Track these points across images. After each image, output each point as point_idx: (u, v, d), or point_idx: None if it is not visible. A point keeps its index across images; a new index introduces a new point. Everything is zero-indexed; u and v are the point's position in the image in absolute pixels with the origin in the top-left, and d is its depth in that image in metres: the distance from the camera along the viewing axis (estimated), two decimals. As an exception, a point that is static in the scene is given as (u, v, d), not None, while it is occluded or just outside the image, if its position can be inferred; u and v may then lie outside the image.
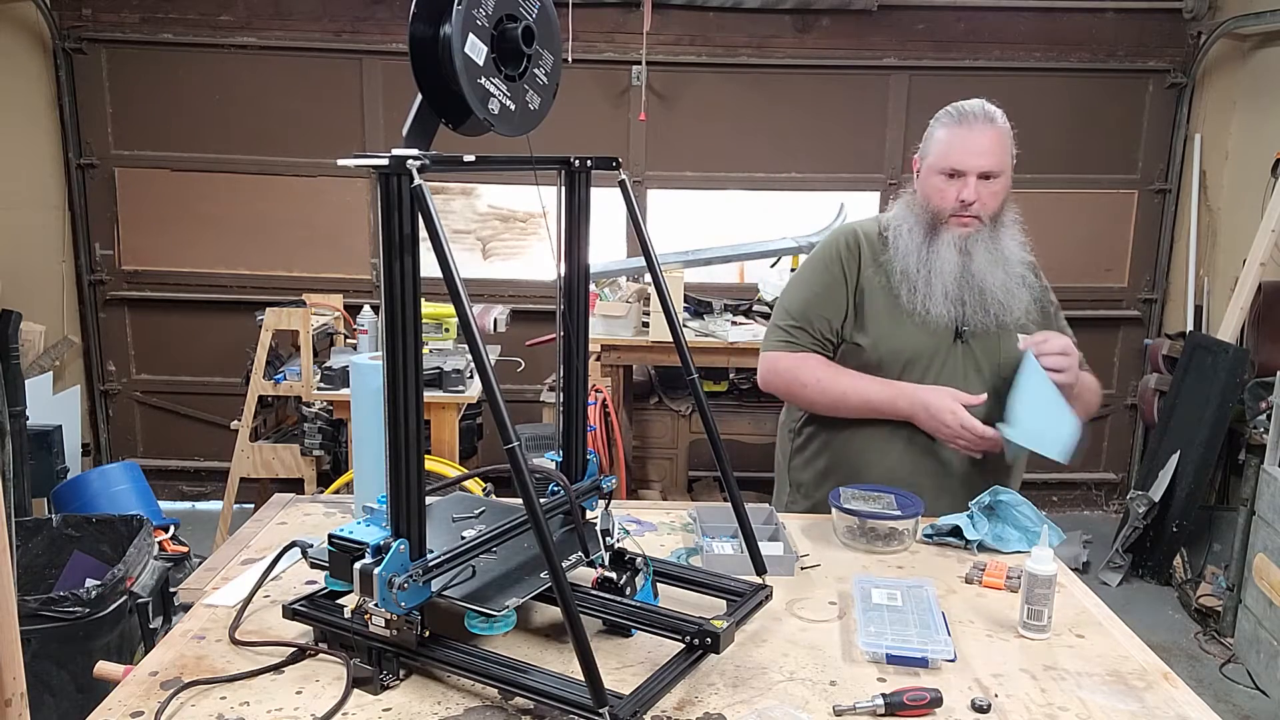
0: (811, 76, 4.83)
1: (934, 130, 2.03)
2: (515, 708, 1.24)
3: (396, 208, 1.18)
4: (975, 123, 1.96)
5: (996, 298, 1.98)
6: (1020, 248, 2.03)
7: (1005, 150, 1.98)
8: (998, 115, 1.99)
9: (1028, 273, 2.04)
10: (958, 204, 1.97)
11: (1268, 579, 3.40)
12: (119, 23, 4.68)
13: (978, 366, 2.02)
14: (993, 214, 1.99)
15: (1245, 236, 4.29)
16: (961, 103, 2.01)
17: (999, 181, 1.98)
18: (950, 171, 1.97)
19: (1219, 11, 4.74)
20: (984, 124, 1.96)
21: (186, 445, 5.12)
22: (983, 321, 1.99)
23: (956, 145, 1.96)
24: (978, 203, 1.96)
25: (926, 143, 2.05)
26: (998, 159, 1.96)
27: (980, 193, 1.96)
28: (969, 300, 1.98)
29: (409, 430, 1.23)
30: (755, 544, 1.53)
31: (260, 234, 4.91)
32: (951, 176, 1.97)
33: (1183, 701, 1.31)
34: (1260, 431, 3.60)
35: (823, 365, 2.07)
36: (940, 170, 1.99)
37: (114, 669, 1.39)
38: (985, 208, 1.97)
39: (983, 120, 1.96)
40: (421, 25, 1.19)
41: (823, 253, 2.13)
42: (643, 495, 4.39)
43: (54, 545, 2.92)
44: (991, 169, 1.96)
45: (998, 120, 1.98)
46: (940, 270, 1.98)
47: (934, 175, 2.00)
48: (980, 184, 1.96)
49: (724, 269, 4.77)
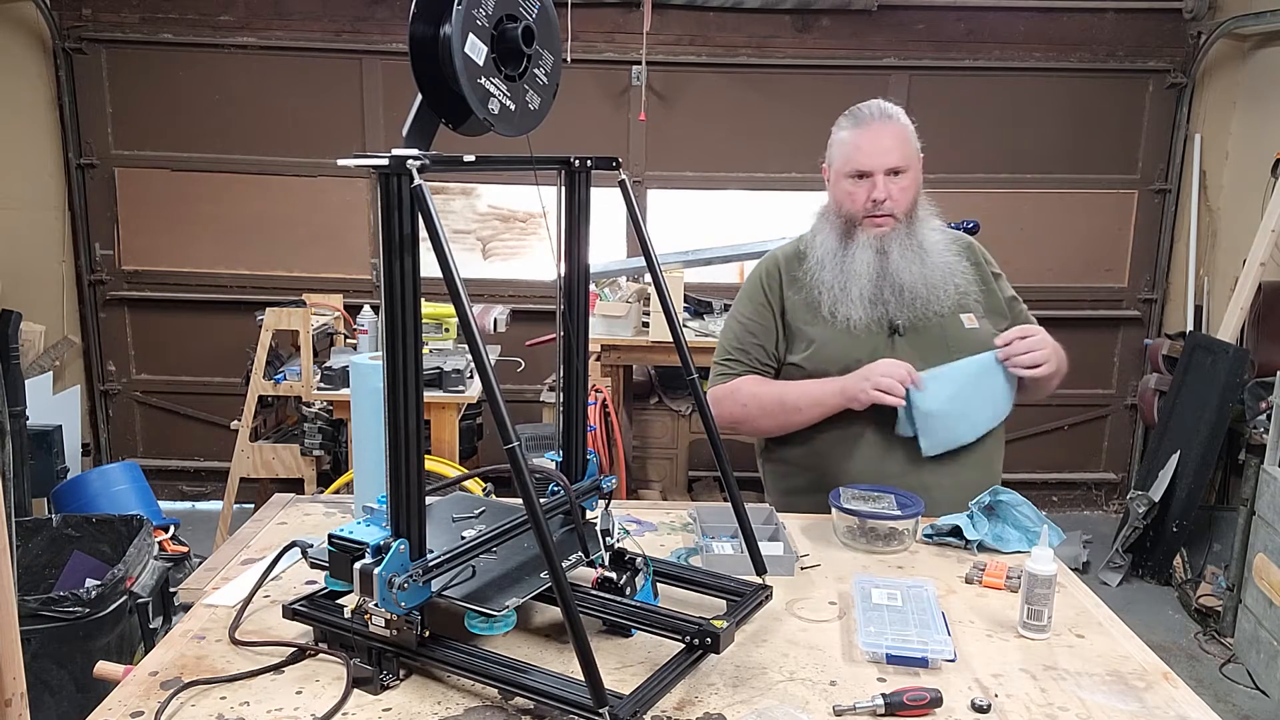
0: (811, 76, 4.84)
1: (835, 135, 2.05)
2: (515, 708, 1.24)
3: (396, 208, 1.18)
4: (873, 122, 1.98)
5: (917, 291, 1.98)
6: (942, 236, 2.04)
7: (909, 144, 2.00)
8: (895, 112, 2.01)
9: (956, 258, 2.04)
10: (869, 204, 1.98)
11: (1268, 579, 3.41)
12: (119, 23, 4.68)
13: (924, 358, 1.98)
14: (906, 209, 2.00)
15: (1245, 236, 4.29)
16: (859, 105, 2.03)
17: (907, 176, 1.99)
18: (857, 173, 1.99)
19: (1219, 11, 4.74)
20: (882, 122, 1.98)
21: (186, 445, 5.12)
22: (910, 315, 1.99)
23: (860, 146, 1.98)
24: (889, 200, 1.97)
25: (830, 150, 2.06)
26: (901, 154, 1.97)
27: (890, 189, 1.97)
28: (890, 298, 1.99)
29: (409, 430, 1.23)
30: (755, 544, 1.53)
31: (260, 234, 4.91)
32: (859, 178, 1.99)
33: (1183, 701, 1.31)
34: (1260, 431, 3.60)
35: (753, 382, 2.09)
36: (847, 174, 2.00)
37: (114, 669, 1.39)
38: (897, 204, 1.99)
39: (880, 119, 1.98)
40: (421, 25, 1.19)
41: (747, 286, 2.19)
42: (643, 495, 4.39)
43: (54, 545, 2.92)
44: (897, 164, 1.97)
45: (896, 117, 2.00)
46: (856, 273, 1.99)
47: (842, 180, 2.02)
48: (889, 181, 1.97)
49: (724, 269, 4.77)
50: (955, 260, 2.04)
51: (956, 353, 1.98)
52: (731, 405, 2.08)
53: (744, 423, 2.10)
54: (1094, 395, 5.18)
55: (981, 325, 2.03)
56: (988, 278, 2.10)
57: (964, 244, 2.12)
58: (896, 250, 1.99)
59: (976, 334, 2.01)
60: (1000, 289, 2.12)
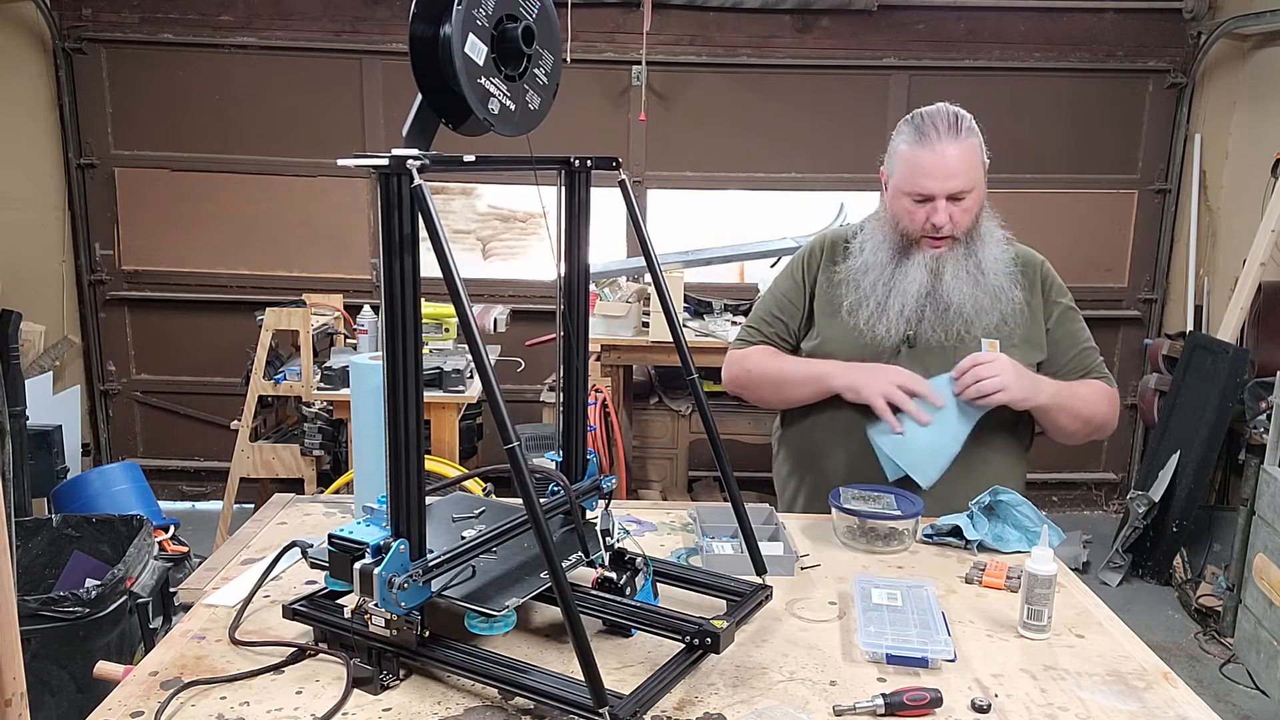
0: (811, 76, 4.83)
1: (897, 145, 1.91)
2: (515, 708, 1.24)
3: (396, 208, 1.18)
4: (938, 140, 1.83)
5: (962, 312, 1.91)
6: (1002, 254, 1.95)
7: (974, 164, 1.87)
8: (963, 124, 1.86)
9: (1007, 284, 1.94)
10: (928, 227, 1.88)
11: (1268, 579, 3.40)
12: (119, 23, 4.68)
13: (926, 373, 1.93)
14: (967, 230, 1.91)
15: (1245, 236, 4.29)
16: (924, 112, 1.88)
17: (971, 197, 1.88)
18: (918, 195, 1.87)
19: (1219, 11, 4.74)
20: (949, 140, 1.83)
21: (186, 445, 5.12)
22: (937, 334, 1.94)
23: (922, 168, 1.85)
24: (950, 224, 1.87)
25: (890, 159, 1.94)
26: (966, 177, 1.85)
27: (951, 213, 1.87)
28: (929, 316, 1.93)
29: (409, 430, 1.23)
30: (755, 544, 1.53)
31: (260, 234, 4.91)
32: (920, 200, 1.88)
33: (1183, 701, 1.31)
34: (1260, 431, 3.60)
35: (764, 352, 2.09)
36: (907, 192, 1.89)
37: (114, 669, 1.39)
38: (958, 227, 1.89)
39: (947, 136, 1.84)
40: (421, 25, 1.19)
41: (792, 260, 2.17)
42: (643, 495, 4.39)
43: (54, 545, 2.92)
44: (960, 189, 1.85)
45: (963, 132, 1.85)
46: (904, 290, 1.92)
47: (901, 197, 1.90)
48: (950, 205, 1.86)
49: (724, 269, 4.77)
50: (1007, 283, 1.94)
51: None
52: (738, 370, 2.11)
53: (746, 389, 2.11)
54: (1094, 395, 5.18)
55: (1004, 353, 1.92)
56: (1037, 305, 2.00)
57: (1024, 264, 2.01)
58: (950, 271, 1.91)
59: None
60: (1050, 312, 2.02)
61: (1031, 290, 2.01)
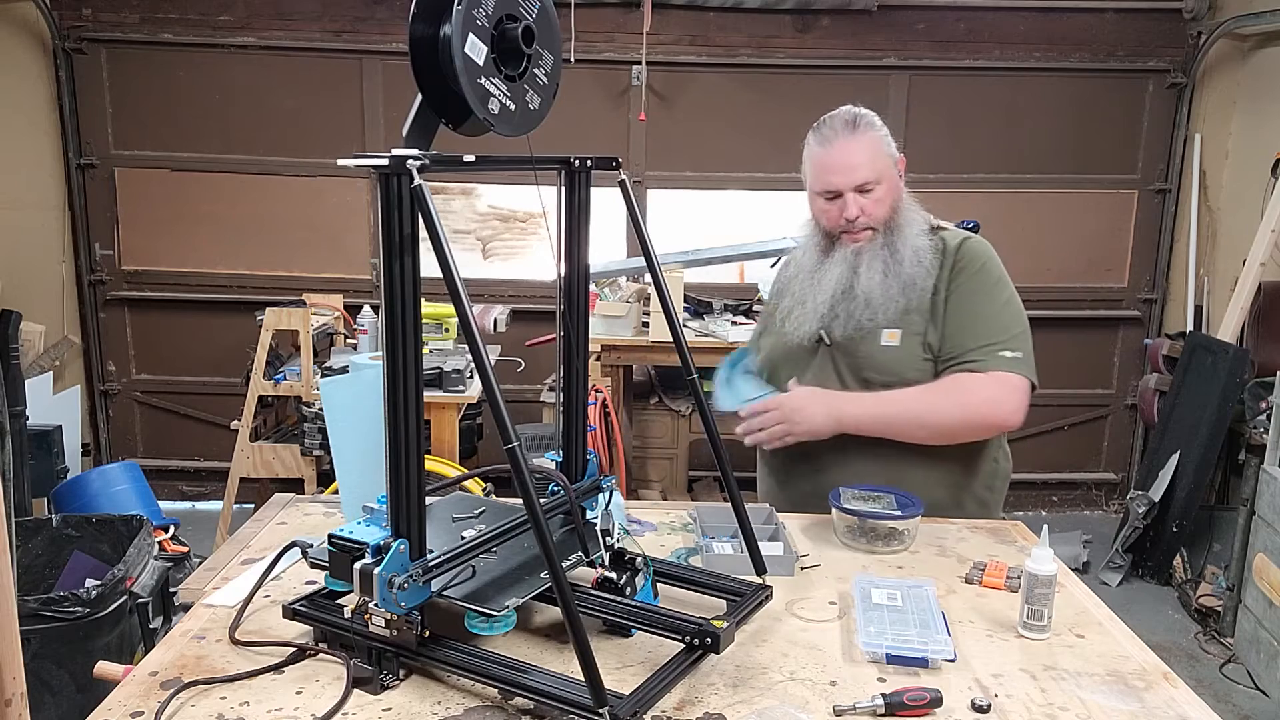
0: (811, 76, 4.83)
1: (806, 153, 1.99)
2: (515, 708, 1.24)
3: (396, 208, 1.18)
4: (836, 139, 1.92)
5: (870, 302, 1.93)
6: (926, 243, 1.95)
7: (877, 155, 1.93)
8: (861, 121, 1.93)
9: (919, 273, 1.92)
10: (843, 221, 1.95)
11: (1268, 579, 3.40)
12: (119, 23, 4.68)
13: (838, 370, 2.00)
14: (884, 220, 1.95)
15: (1245, 236, 4.29)
16: (826, 117, 1.97)
17: (881, 188, 1.93)
18: (828, 192, 1.95)
19: (1219, 11, 4.74)
20: (845, 137, 1.92)
21: (186, 445, 5.12)
22: (847, 330, 1.97)
23: (827, 165, 1.94)
24: (862, 215, 1.93)
25: (804, 166, 2.01)
26: (870, 169, 1.92)
27: (862, 205, 1.93)
28: (840, 311, 1.96)
29: (409, 430, 1.23)
30: (755, 544, 1.53)
31: (260, 234, 4.91)
32: (831, 197, 1.95)
33: (1183, 701, 1.31)
34: (1260, 431, 3.60)
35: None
36: (818, 192, 1.97)
37: (114, 669, 1.39)
38: (872, 218, 1.94)
39: (844, 133, 1.92)
40: (421, 25, 1.19)
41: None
42: (643, 495, 4.39)
43: (54, 545, 2.92)
44: (866, 180, 1.92)
45: (860, 127, 1.93)
46: (824, 287, 1.98)
47: (816, 198, 1.99)
48: (859, 197, 1.93)
49: (724, 269, 4.77)
50: (920, 272, 1.93)
51: (868, 369, 1.95)
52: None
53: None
54: (1094, 395, 5.18)
55: (903, 344, 1.94)
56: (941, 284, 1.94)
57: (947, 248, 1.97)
58: (866, 262, 1.95)
59: (893, 352, 1.95)
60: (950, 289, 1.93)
61: (940, 270, 1.96)
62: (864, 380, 1.97)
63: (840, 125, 1.94)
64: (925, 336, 1.94)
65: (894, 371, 1.94)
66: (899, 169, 1.99)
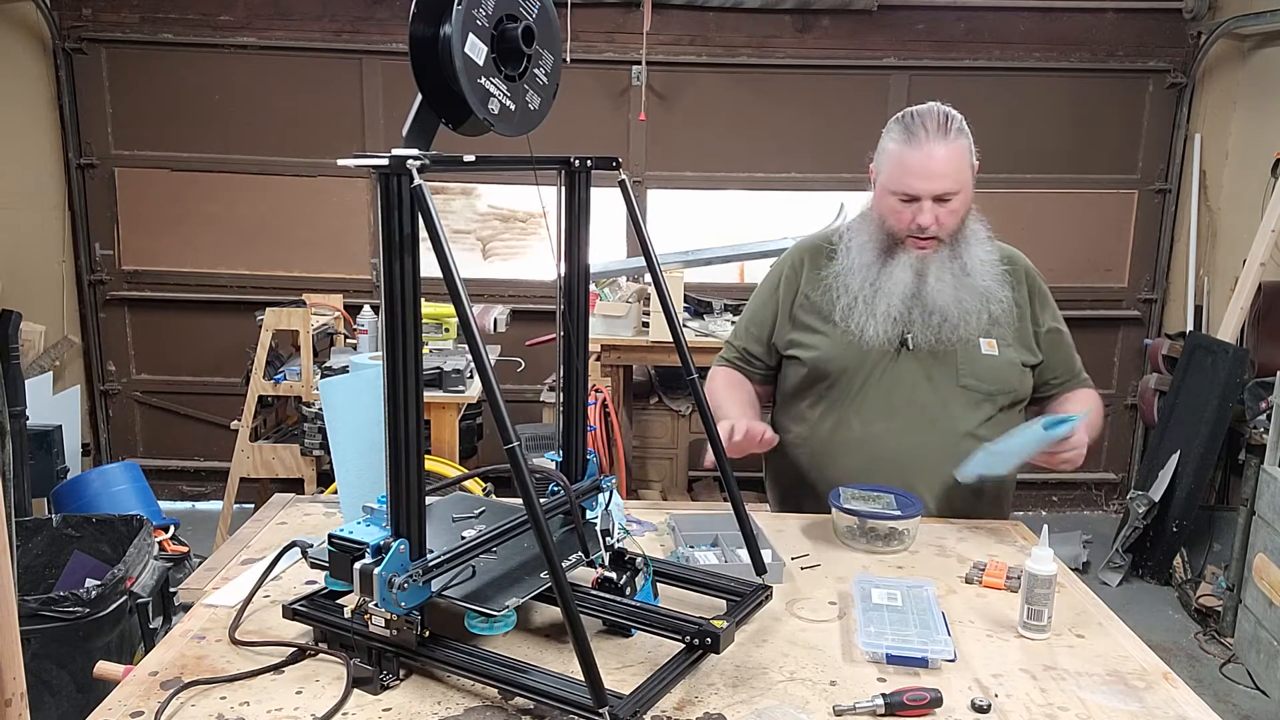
0: (811, 76, 4.83)
1: (886, 143, 1.90)
2: (515, 708, 1.24)
3: (396, 208, 1.18)
4: (927, 141, 1.82)
5: (948, 314, 1.91)
6: (988, 256, 1.93)
7: (962, 166, 1.86)
8: (953, 125, 1.85)
9: (995, 282, 1.93)
10: (914, 227, 1.88)
11: (1268, 579, 3.40)
12: (119, 23, 4.67)
13: (929, 376, 1.96)
14: (952, 231, 1.90)
15: (1245, 236, 4.29)
16: (914, 111, 1.87)
17: (958, 199, 1.87)
18: (904, 195, 1.87)
19: (1219, 11, 4.74)
20: (937, 141, 1.82)
21: (186, 445, 5.12)
22: (927, 338, 1.94)
23: (909, 168, 1.84)
24: (935, 225, 1.87)
25: (879, 156, 1.92)
26: (953, 180, 1.84)
27: (937, 214, 1.86)
28: (916, 318, 1.93)
29: (409, 430, 1.23)
30: (755, 544, 1.53)
31: (260, 234, 4.91)
32: (906, 200, 1.87)
33: (1183, 701, 1.31)
34: (1260, 431, 3.60)
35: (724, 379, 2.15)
36: (893, 191, 1.88)
37: (114, 669, 1.39)
38: (943, 229, 1.89)
39: (935, 136, 1.82)
40: (421, 25, 1.19)
41: (770, 272, 2.18)
42: (643, 495, 4.39)
43: (54, 545, 2.92)
44: (946, 191, 1.84)
45: (951, 133, 1.84)
46: (889, 291, 1.92)
47: (887, 195, 1.90)
48: (936, 206, 1.86)
49: (724, 269, 4.77)
50: (994, 284, 1.93)
51: (968, 376, 1.95)
52: (707, 389, 2.14)
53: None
54: (1094, 395, 5.18)
55: (1002, 353, 1.96)
56: (1024, 304, 2.01)
57: (1010, 263, 2.00)
58: (934, 272, 1.90)
59: (994, 361, 1.96)
60: (1039, 317, 2.03)
61: (1018, 288, 2.00)
62: (962, 388, 1.95)
63: (933, 126, 1.83)
64: (1018, 348, 1.98)
65: (999, 380, 1.96)
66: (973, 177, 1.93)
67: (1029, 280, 2.03)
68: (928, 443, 1.96)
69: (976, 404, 1.96)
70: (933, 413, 1.96)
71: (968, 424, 1.95)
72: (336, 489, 1.83)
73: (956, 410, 1.96)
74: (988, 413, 1.97)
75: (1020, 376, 1.99)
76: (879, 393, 1.97)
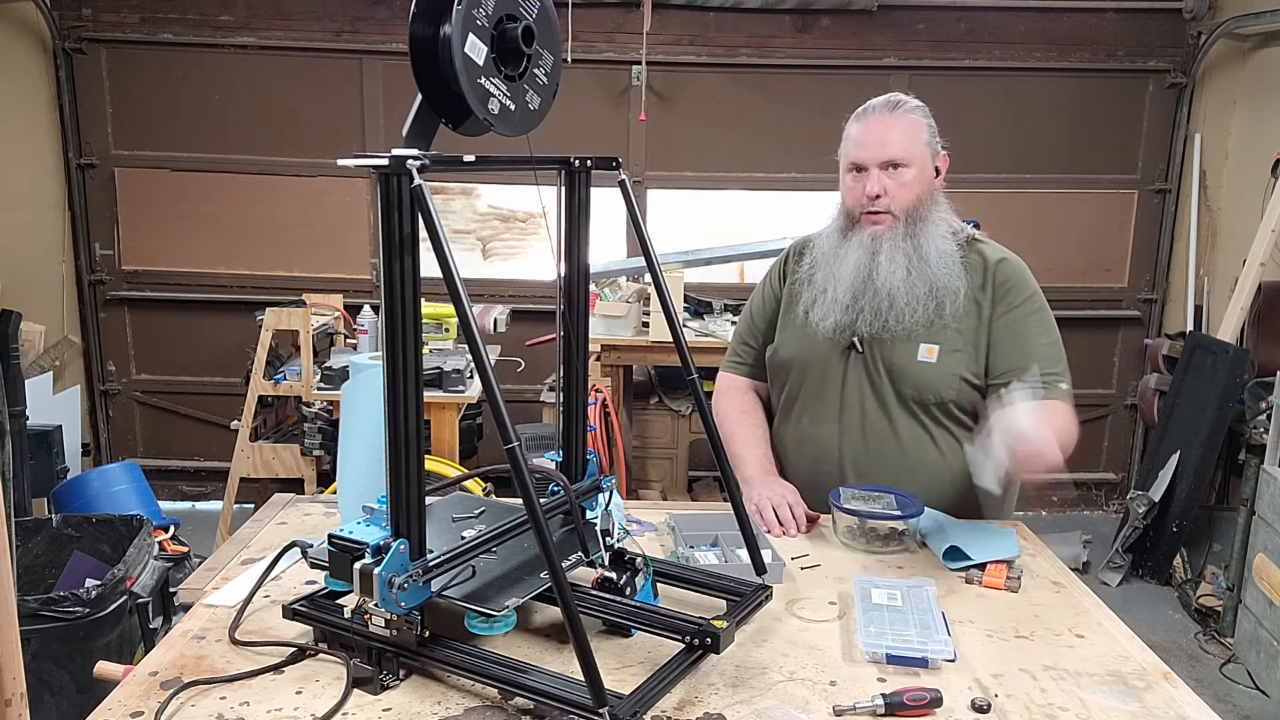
0: (811, 76, 4.83)
1: (845, 129, 1.96)
2: (515, 708, 1.24)
3: (396, 208, 1.18)
4: (875, 113, 1.91)
5: (895, 300, 1.86)
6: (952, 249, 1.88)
7: (914, 139, 1.88)
8: (905, 104, 1.91)
9: (949, 279, 1.87)
10: (865, 199, 1.88)
11: (1268, 579, 3.40)
12: (119, 23, 4.68)
13: (872, 381, 1.95)
14: (906, 208, 1.87)
15: (1245, 236, 4.29)
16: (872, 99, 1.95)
17: (908, 171, 1.87)
18: (856, 167, 1.91)
19: (1219, 11, 4.74)
20: (884, 113, 1.90)
21: (186, 445, 5.12)
22: (874, 326, 1.90)
23: (856, 140, 1.91)
24: (884, 195, 1.86)
25: (841, 144, 1.97)
26: (901, 147, 1.87)
27: (885, 184, 1.86)
28: (866, 305, 1.89)
29: (409, 430, 1.23)
30: (755, 544, 1.53)
31: (260, 234, 4.91)
32: (858, 172, 1.91)
33: (1183, 701, 1.31)
34: (1260, 431, 3.60)
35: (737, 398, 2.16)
36: (848, 168, 1.93)
37: (114, 669, 1.39)
38: (894, 200, 1.87)
39: (884, 109, 1.90)
40: (421, 25, 1.19)
41: (765, 273, 2.21)
42: (643, 495, 4.39)
43: (54, 545, 2.92)
44: (895, 157, 1.86)
45: (904, 109, 1.90)
46: (841, 274, 1.90)
47: (845, 175, 1.95)
48: (885, 175, 1.86)
49: (724, 269, 4.77)
50: (950, 279, 1.87)
51: (905, 384, 1.91)
52: (715, 407, 2.17)
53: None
54: (1094, 395, 5.18)
55: (940, 361, 1.89)
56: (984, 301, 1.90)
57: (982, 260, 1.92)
58: (886, 251, 1.87)
59: (930, 369, 1.89)
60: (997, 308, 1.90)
61: (981, 287, 1.92)
62: (898, 395, 1.93)
63: (881, 104, 1.92)
64: (965, 358, 1.90)
65: (932, 389, 1.91)
66: (937, 164, 1.93)
67: (998, 281, 1.91)
68: (868, 447, 1.97)
69: (913, 413, 1.94)
70: (872, 417, 1.96)
71: (907, 432, 1.95)
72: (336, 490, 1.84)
73: (895, 416, 1.95)
74: (924, 422, 1.94)
75: (957, 388, 1.91)
76: (831, 393, 1.99)
